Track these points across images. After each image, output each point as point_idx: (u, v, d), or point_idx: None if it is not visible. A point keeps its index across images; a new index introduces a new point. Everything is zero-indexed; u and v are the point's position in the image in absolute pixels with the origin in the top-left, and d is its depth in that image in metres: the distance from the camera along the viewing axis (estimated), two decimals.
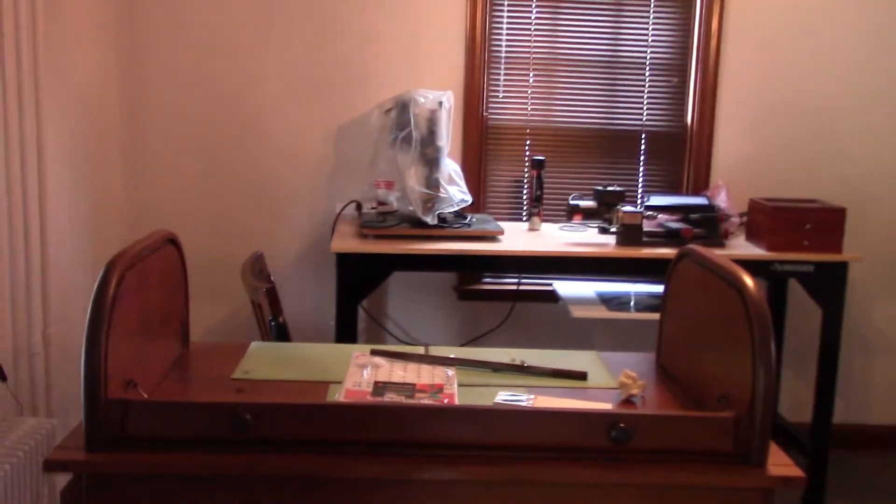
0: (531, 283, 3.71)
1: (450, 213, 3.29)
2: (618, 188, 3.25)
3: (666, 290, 1.87)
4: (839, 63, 3.65)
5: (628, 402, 1.61)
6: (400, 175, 3.20)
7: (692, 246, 1.75)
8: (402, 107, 3.21)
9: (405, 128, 3.20)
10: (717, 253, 1.71)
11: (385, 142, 3.26)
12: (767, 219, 3.21)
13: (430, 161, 3.22)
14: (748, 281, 1.44)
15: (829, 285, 3.22)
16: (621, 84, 3.69)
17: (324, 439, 1.30)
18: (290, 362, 1.73)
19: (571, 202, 3.27)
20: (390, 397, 1.55)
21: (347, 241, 3.11)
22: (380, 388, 1.59)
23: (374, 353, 1.78)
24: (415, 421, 1.31)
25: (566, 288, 3.50)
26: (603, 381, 1.72)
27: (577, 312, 3.22)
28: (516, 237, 3.32)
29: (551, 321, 3.75)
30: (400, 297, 3.71)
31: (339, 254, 3.05)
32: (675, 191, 3.77)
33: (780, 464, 1.33)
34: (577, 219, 3.27)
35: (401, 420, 1.31)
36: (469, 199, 3.30)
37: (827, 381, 3.31)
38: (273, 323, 1.95)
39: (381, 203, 3.31)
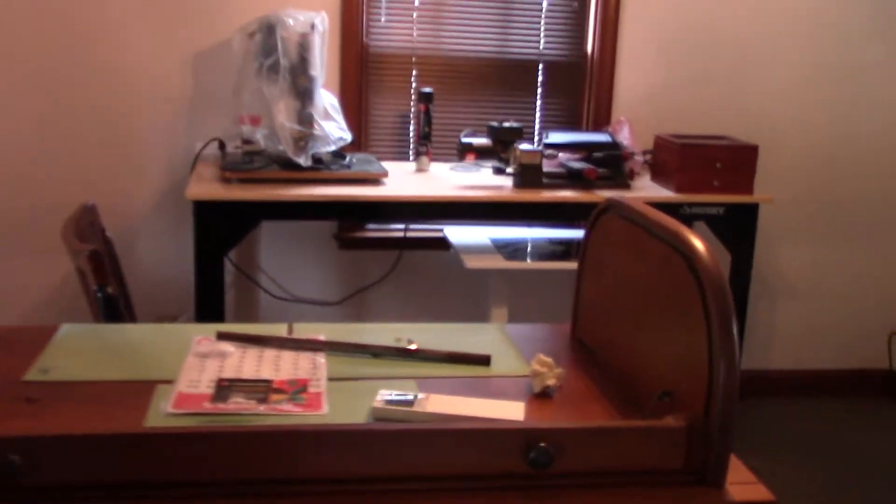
0: (420, 230, 3.35)
1: (326, 152, 2.88)
2: (514, 124, 2.91)
3: (584, 249, 1.54)
4: None
5: (544, 394, 1.29)
6: (267, 109, 2.77)
7: (619, 198, 1.43)
8: (268, 29, 2.77)
9: (272, 54, 2.77)
10: (634, 197, 1.39)
11: (249, 71, 2.82)
12: (675, 157, 2.94)
13: (302, 93, 2.80)
14: (699, 246, 1.12)
15: (739, 228, 2.99)
16: (516, 8, 3.32)
17: (131, 482, 0.92)
18: (107, 353, 1.34)
19: (463, 140, 2.91)
20: (236, 402, 1.18)
21: (207, 187, 2.68)
22: (224, 388, 1.22)
23: (220, 336, 1.40)
24: (257, 451, 0.94)
25: (458, 234, 3.16)
26: (510, 368, 1.39)
27: (472, 263, 2.89)
28: (403, 180, 2.95)
29: (442, 270, 3.42)
30: (273, 246, 3.30)
31: (197, 202, 2.62)
32: (575, 126, 3.46)
33: (742, 482, 1.04)
34: (469, 158, 2.92)
35: (239, 451, 0.94)
36: (348, 136, 2.91)
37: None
38: (99, 295, 1.55)
39: (246, 142, 2.88)
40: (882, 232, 3.71)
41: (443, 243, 3.22)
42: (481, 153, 2.92)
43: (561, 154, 3.03)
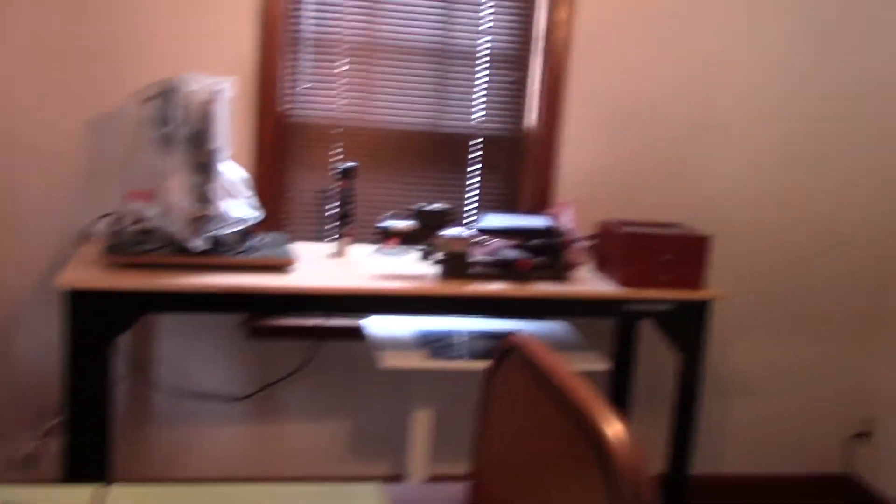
0: (339, 318, 3.02)
1: (231, 233, 2.56)
2: (441, 206, 2.62)
3: (485, 396, 1.22)
4: (712, 61, 3.15)
5: None
6: (161, 184, 2.45)
7: (522, 337, 1.12)
8: (166, 95, 2.46)
9: (170, 123, 2.45)
10: (548, 356, 1.08)
11: (144, 140, 2.50)
12: (619, 247, 2.65)
13: (202, 166, 2.49)
14: (611, 433, 0.80)
15: (690, 326, 2.70)
16: (452, 78, 3.05)
17: None
18: None
19: (383, 224, 2.60)
20: None
21: (83, 273, 2.33)
22: None
23: None
24: None
25: (379, 325, 2.84)
26: None
27: (388, 361, 2.57)
28: (316, 266, 2.63)
29: (364, 363, 3.09)
30: (172, 333, 2.94)
31: (71, 291, 2.27)
32: (515, 208, 3.17)
33: None
34: (390, 244, 2.61)
35: None
36: (257, 215, 2.59)
37: (685, 432, 2.80)
38: None
39: (138, 220, 2.54)
40: (841, 327, 3.45)
41: (363, 334, 2.89)
42: (405, 238, 2.61)
43: (494, 241, 2.74)
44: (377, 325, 2.84)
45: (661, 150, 3.17)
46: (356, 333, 3.02)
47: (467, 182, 3.13)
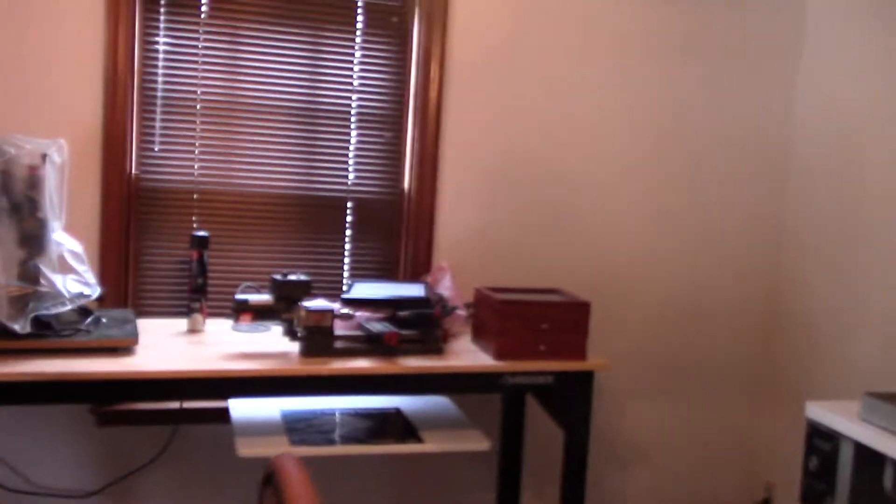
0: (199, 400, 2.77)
1: (66, 312, 2.29)
2: (301, 277, 2.41)
3: None
4: (585, 120, 3.05)
5: None
6: None
7: (282, 460, 0.93)
8: None
9: None
10: (295, 487, 0.88)
11: None
12: (494, 316, 2.48)
13: (27, 239, 2.24)
14: None
15: (573, 398, 2.53)
16: (322, 139, 2.87)
17: None
18: None
19: (238, 297, 2.38)
20: None
21: None
22: None
23: None
24: None
25: (245, 407, 2.60)
26: None
27: (246, 449, 2.33)
28: (164, 345, 2.38)
29: (229, 448, 2.82)
30: (10, 422, 2.64)
31: None
32: (392, 274, 2.99)
33: None
34: (244, 319, 2.39)
35: None
36: (93, 291, 2.34)
37: None
38: None
39: None
40: (733, 387, 3.34)
41: (227, 415, 2.64)
42: (260, 313, 2.39)
43: (361, 313, 2.53)
44: (241, 407, 2.60)
45: (538, 212, 3.04)
46: (220, 415, 2.76)
47: (341, 248, 2.93)
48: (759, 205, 3.27)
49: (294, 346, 2.42)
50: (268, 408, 2.61)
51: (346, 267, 2.94)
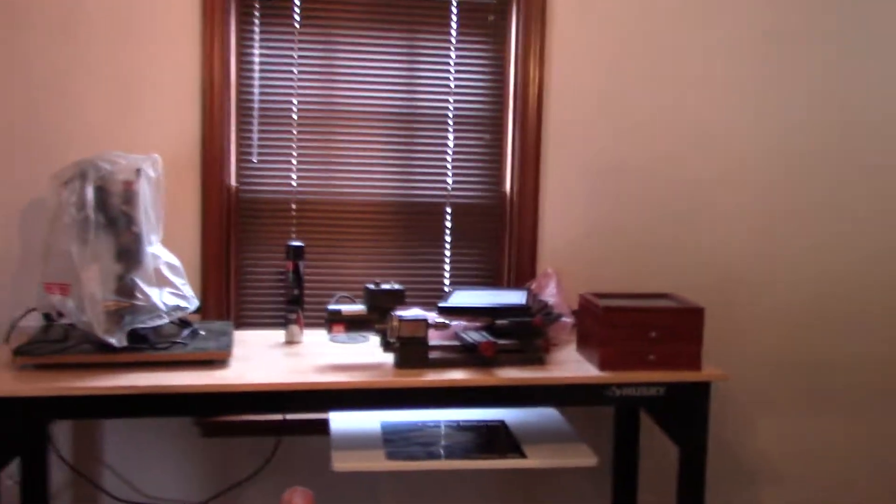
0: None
1: (163, 325, 2.30)
2: (395, 286, 2.33)
3: None
4: (703, 117, 2.86)
5: None
6: (76, 275, 2.21)
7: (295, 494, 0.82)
8: (82, 177, 2.24)
9: (86, 206, 2.23)
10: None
11: (60, 226, 2.27)
12: (598, 323, 2.34)
13: (124, 253, 2.25)
14: None
15: (685, 412, 2.35)
16: (420, 144, 2.80)
17: None
18: None
19: (330, 307, 2.33)
20: None
21: None
22: None
23: None
24: None
25: (343, 418, 2.55)
26: None
27: (342, 463, 2.27)
28: (260, 356, 2.35)
29: (329, 461, 2.78)
30: (119, 434, 2.68)
31: None
32: (494, 282, 2.88)
33: None
34: (338, 330, 2.33)
35: None
36: (191, 304, 2.34)
37: None
38: None
39: (60, 314, 2.31)
40: (877, 395, 3.06)
41: (328, 427, 2.59)
42: (354, 324, 2.33)
43: (458, 322, 2.44)
44: (340, 419, 2.55)
45: (648, 214, 2.87)
46: (323, 427, 2.72)
47: (441, 255, 2.85)
48: (894, 197, 2.99)
49: (389, 358, 2.35)
50: (368, 420, 2.55)
51: (446, 275, 2.86)
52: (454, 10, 2.76)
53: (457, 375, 2.23)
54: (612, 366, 2.29)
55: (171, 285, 2.33)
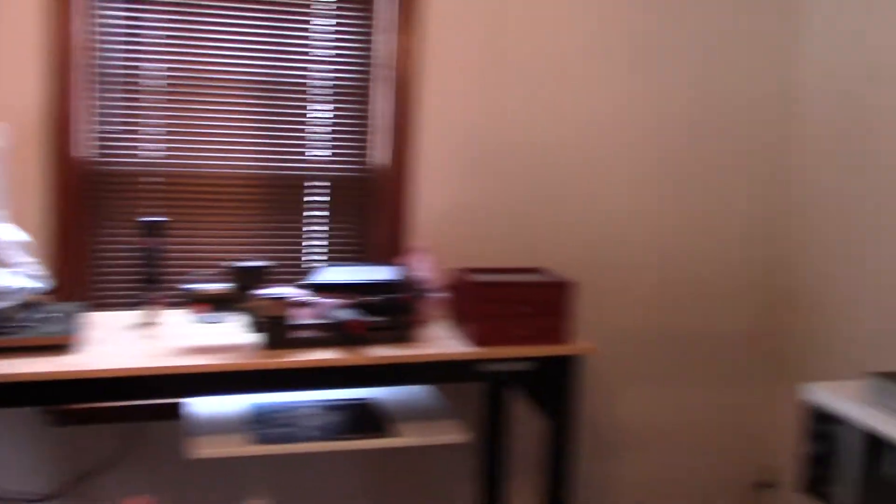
0: None
1: (8, 306, 2.13)
2: (257, 263, 2.23)
3: None
4: (581, 92, 2.85)
5: None
6: None
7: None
8: None
9: None
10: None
11: None
12: (470, 298, 2.31)
13: None
14: None
15: (554, 386, 2.35)
16: (284, 115, 2.69)
17: None
18: None
19: (187, 287, 2.21)
20: None
21: None
22: None
23: None
24: None
25: (206, 402, 2.44)
26: None
27: (204, 448, 2.17)
28: (116, 340, 2.21)
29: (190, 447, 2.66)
30: None
31: None
32: (367, 258, 2.81)
33: None
34: (200, 310, 2.21)
35: None
36: (41, 285, 2.17)
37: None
38: None
39: None
40: (735, 369, 3.16)
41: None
42: (215, 303, 2.22)
43: (326, 300, 2.36)
44: (202, 403, 2.44)
45: (524, 188, 2.85)
46: (186, 412, 2.60)
47: (310, 230, 2.76)
48: (760, 180, 3.08)
49: (253, 338, 2.25)
50: (233, 404, 2.45)
51: (315, 250, 2.77)
52: None
53: (324, 355, 2.16)
54: (483, 341, 2.27)
55: (17, 264, 2.16)
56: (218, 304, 2.21)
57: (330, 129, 2.73)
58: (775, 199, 3.09)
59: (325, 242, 2.77)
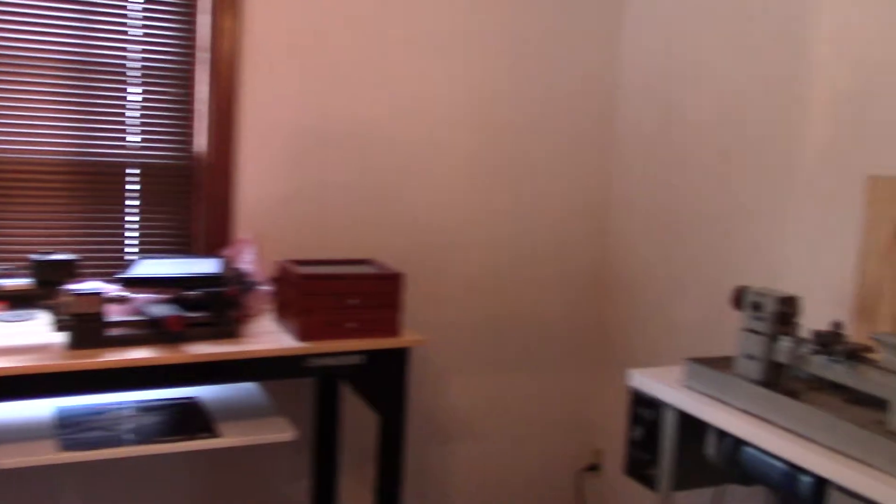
0: None
1: None
2: (63, 257, 2.07)
3: None
4: (410, 81, 2.82)
5: None
6: None
7: None
8: None
9: None
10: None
11: None
12: (295, 292, 2.23)
13: None
14: None
15: (386, 381, 2.32)
16: (97, 98, 2.52)
17: None
18: None
19: None
20: None
21: None
22: None
23: None
24: None
25: (7, 407, 2.25)
26: None
27: (2, 459, 1.99)
28: None
29: None
30: None
31: None
32: (187, 250, 2.68)
33: None
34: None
35: None
36: None
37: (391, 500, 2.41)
38: None
39: None
40: (562, 355, 3.23)
41: None
42: (16, 300, 2.04)
43: (142, 295, 2.22)
44: (3, 409, 2.24)
45: (354, 178, 2.80)
46: None
47: (124, 222, 2.60)
48: (585, 169, 3.15)
49: (61, 338, 2.09)
50: (39, 408, 2.27)
51: (133, 243, 2.61)
52: None
53: (139, 354, 2.03)
54: (309, 336, 2.20)
55: None
56: (16, 300, 2.03)
57: (148, 113, 2.57)
58: (600, 188, 3.18)
59: (140, 234, 2.62)
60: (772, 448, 1.81)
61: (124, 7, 2.50)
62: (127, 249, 2.60)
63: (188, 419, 2.28)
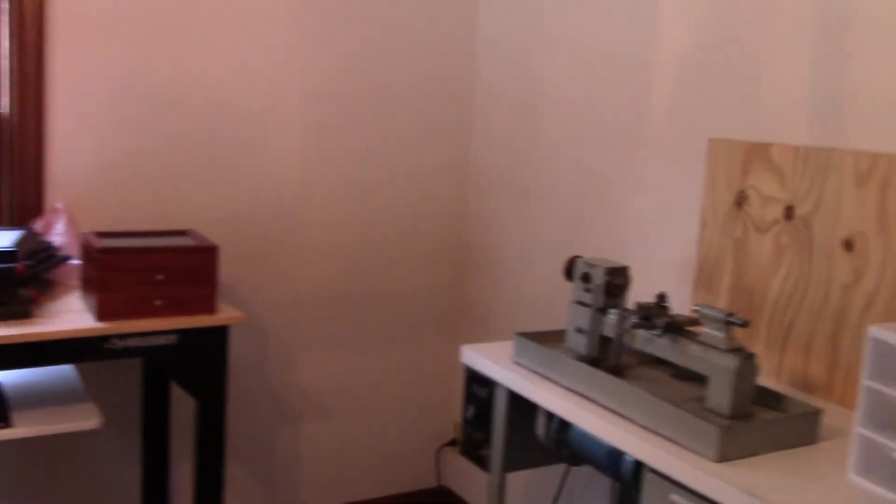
0: None
1: None
2: None
3: None
4: (247, 42, 2.61)
5: None
6: None
7: None
8: None
9: None
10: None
11: None
12: (96, 267, 2.03)
13: None
14: None
15: (201, 362, 2.14)
16: None
17: None
18: None
19: None
20: None
21: None
22: None
23: None
24: None
25: None
26: None
27: None
28: None
29: None
30: None
31: None
32: None
33: None
34: None
35: None
36: None
37: (213, 494, 2.25)
38: None
39: None
40: (419, 329, 3.11)
41: None
42: None
43: None
44: None
45: (180, 144, 2.59)
46: None
47: None
48: (442, 138, 3.01)
49: None
50: None
51: None
52: None
53: None
54: (109, 315, 2.00)
55: None
56: None
57: None
58: (458, 157, 3.05)
59: None
60: (592, 429, 1.71)
61: None
62: None
63: None
